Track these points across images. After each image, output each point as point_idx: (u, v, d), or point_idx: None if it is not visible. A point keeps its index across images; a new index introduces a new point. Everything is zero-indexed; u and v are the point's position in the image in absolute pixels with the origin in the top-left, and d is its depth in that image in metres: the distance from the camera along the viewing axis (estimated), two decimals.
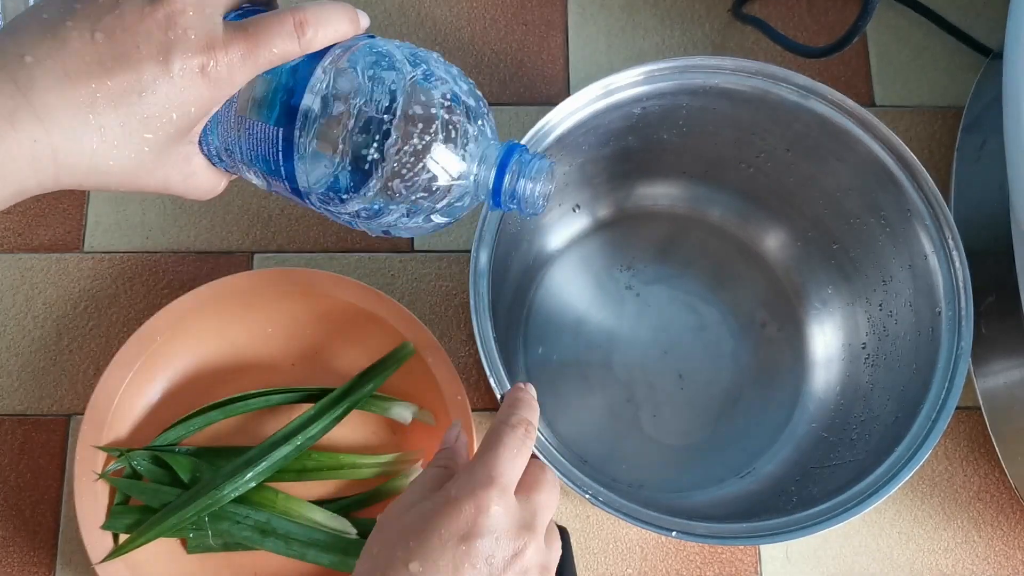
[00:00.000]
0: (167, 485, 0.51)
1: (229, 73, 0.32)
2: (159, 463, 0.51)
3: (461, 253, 0.59)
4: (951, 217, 0.46)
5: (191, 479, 0.50)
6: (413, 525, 0.34)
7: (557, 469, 0.42)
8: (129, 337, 0.52)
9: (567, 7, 0.64)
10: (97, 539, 0.49)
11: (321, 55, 0.34)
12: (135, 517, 0.49)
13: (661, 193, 0.58)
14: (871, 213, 0.50)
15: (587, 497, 0.41)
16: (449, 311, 0.58)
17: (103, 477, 0.50)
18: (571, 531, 0.52)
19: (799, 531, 0.42)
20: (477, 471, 0.35)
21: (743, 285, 0.58)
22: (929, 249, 0.47)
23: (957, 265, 0.46)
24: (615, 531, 0.54)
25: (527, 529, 0.34)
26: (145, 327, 0.52)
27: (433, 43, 0.63)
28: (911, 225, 0.47)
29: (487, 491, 0.34)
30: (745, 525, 0.42)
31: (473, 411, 0.51)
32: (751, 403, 0.55)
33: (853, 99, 0.64)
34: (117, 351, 0.51)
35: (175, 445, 0.52)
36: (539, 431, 0.52)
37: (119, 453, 0.50)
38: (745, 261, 0.58)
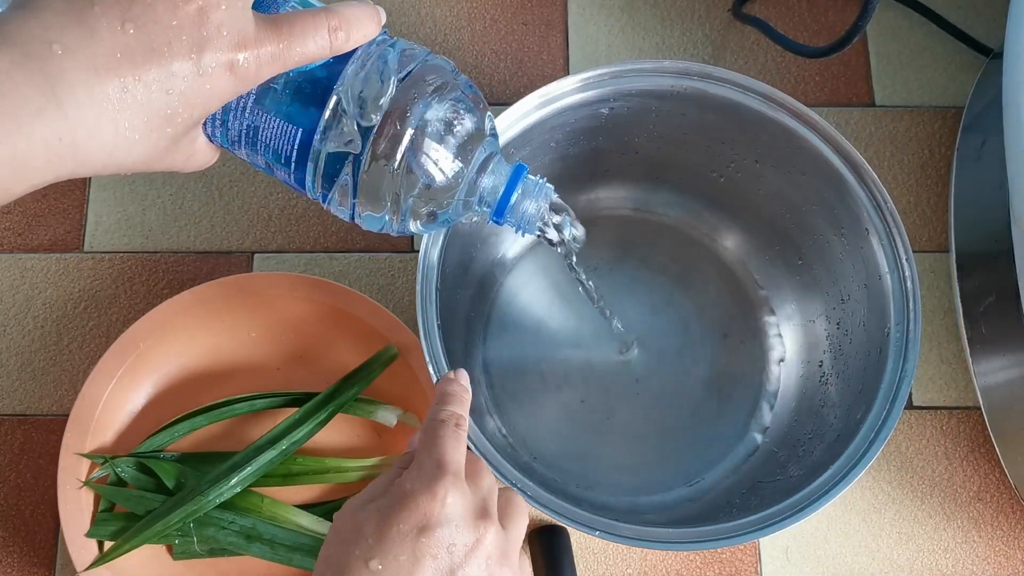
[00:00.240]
0: (152, 491, 0.50)
1: (257, 70, 0.32)
2: (144, 469, 0.51)
3: None
4: (905, 234, 0.46)
5: (176, 485, 0.50)
6: (369, 522, 0.33)
7: (488, 460, 0.41)
8: (111, 344, 0.51)
9: (567, 7, 0.64)
10: (82, 547, 0.49)
11: (346, 56, 0.34)
12: (120, 524, 0.49)
13: (628, 198, 0.58)
14: (833, 230, 0.50)
15: (516, 487, 0.41)
16: None
17: (87, 484, 0.50)
18: (571, 532, 0.52)
19: (725, 540, 0.42)
20: (425, 463, 0.35)
21: (707, 294, 0.57)
22: (885, 268, 0.46)
23: (909, 285, 0.45)
24: None
25: (484, 515, 0.34)
26: (127, 334, 0.52)
27: (433, 43, 0.63)
28: (868, 242, 0.47)
29: (441, 480, 0.33)
30: (672, 531, 0.42)
31: None
32: (707, 413, 0.55)
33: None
34: (99, 358, 0.51)
35: (160, 451, 0.52)
36: (496, 430, 0.52)
37: (103, 460, 0.50)
38: (711, 271, 0.58)
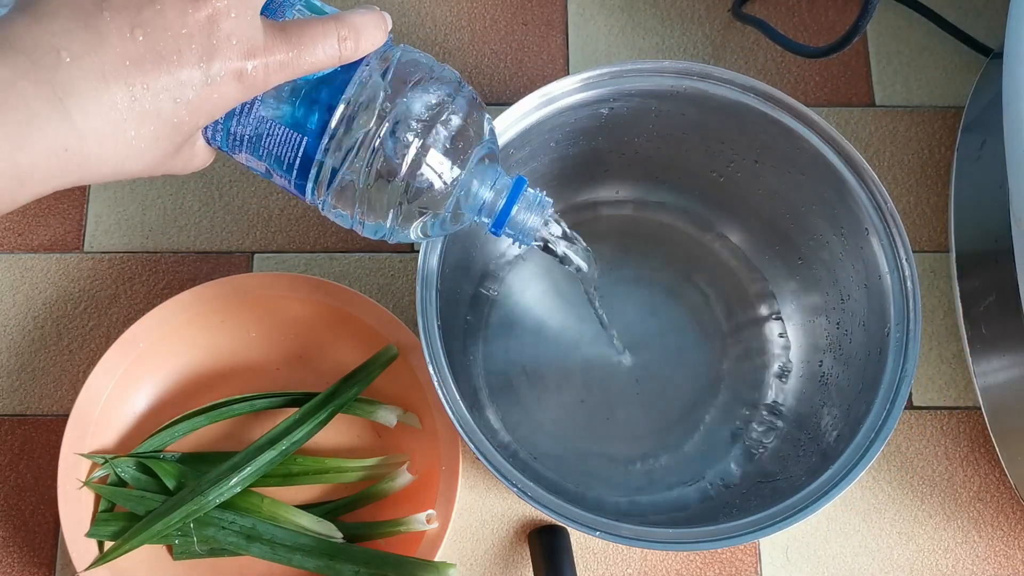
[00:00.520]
0: (152, 491, 0.50)
1: (265, 79, 0.31)
2: (144, 470, 0.51)
3: None
4: (905, 234, 0.46)
5: (176, 485, 0.50)
6: None
7: (488, 460, 0.41)
8: (111, 344, 0.51)
9: (567, 7, 0.64)
10: (82, 547, 0.49)
11: (353, 64, 0.34)
12: (120, 524, 0.49)
13: (628, 198, 0.58)
14: (833, 230, 0.50)
15: (515, 490, 0.41)
16: None
17: (87, 484, 0.50)
18: (571, 532, 0.52)
19: (725, 540, 0.41)
20: None
21: (707, 295, 0.57)
22: (885, 268, 0.46)
23: (909, 285, 0.45)
24: None
25: None
26: (127, 334, 0.52)
27: (433, 43, 0.63)
28: (868, 242, 0.47)
29: None
30: (672, 531, 0.41)
31: None
32: (707, 413, 0.55)
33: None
34: (100, 358, 0.51)
35: (160, 451, 0.52)
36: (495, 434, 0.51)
37: (103, 460, 0.50)
38: (710, 271, 0.58)
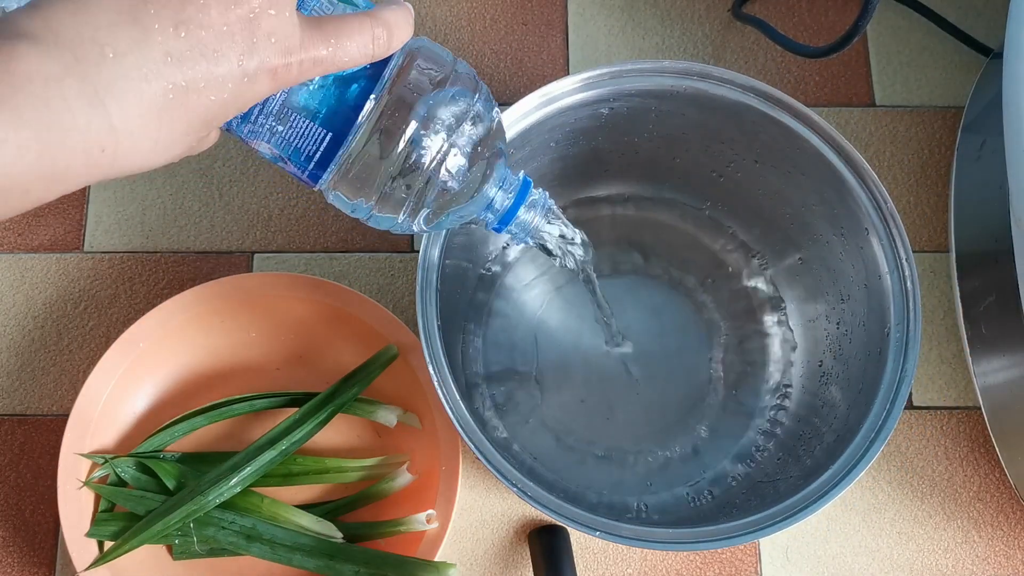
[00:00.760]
0: (152, 491, 0.50)
1: (299, 75, 0.31)
2: (144, 469, 0.51)
3: None
4: (905, 234, 0.46)
5: (176, 485, 0.50)
6: None
7: (488, 460, 0.41)
8: (111, 344, 0.51)
9: (567, 7, 0.64)
10: (82, 547, 0.49)
11: (382, 61, 0.34)
12: (120, 524, 0.49)
13: (628, 198, 0.58)
14: (833, 230, 0.50)
15: (515, 490, 0.41)
16: None
17: (87, 484, 0.50)
18: (571, 532, 0.52)
19: (725, 540, 0.41)
20: None
21: (707, 295, 0.57)
22: (885, 268, 0.46)
23: (909, 285, 0.45)
24: None
25: None
26: (127, 334, 0.52)
27: None
28: (868, 242, 0.47)
29: None
30: (672, 531, 0.42)
31: None
32: (708, 413, 0.55)
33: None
34: (100, 358, 0.51)
35: (160, 451, 0.52)
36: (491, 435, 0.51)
37: (103, 460, 0.50)
38: (710, 271, 0.58)
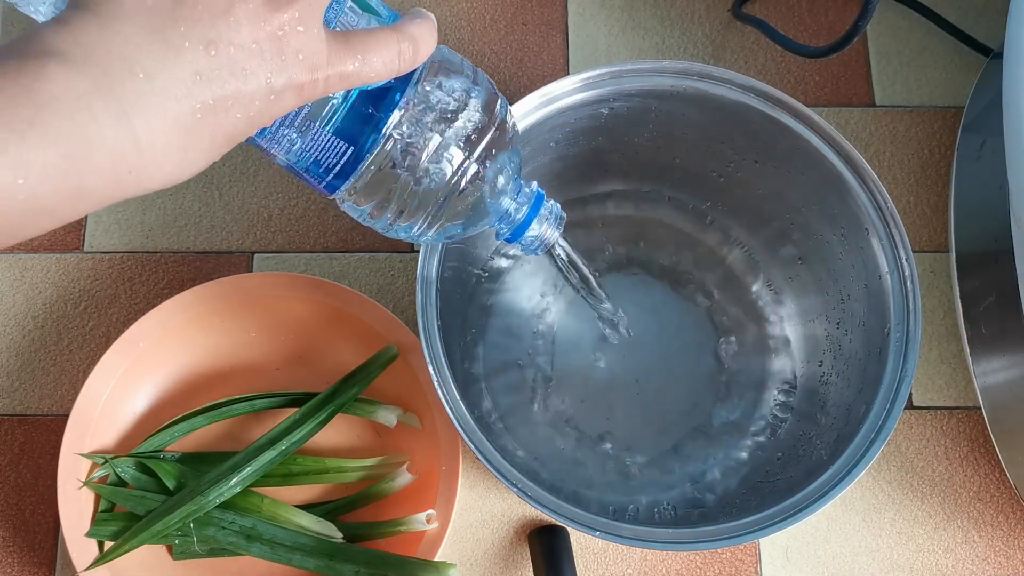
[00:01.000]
0: (152, 491, 0.50)
1: (325, 90, 0.31)
2: (144, 469, 0.51)
3: None
4: (905, 234, 0.46)
5: (176, 485, 0.50)
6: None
7: (488, 460, 0.41)
8: (111, 344, 0.51)
9: (567, 7, 0.64)
10: (82, 547, 0.49)
11: (406, 75, 0.34)
12: (120, 524, 0.49)
13: (628, 198, 0.58)
14: (833, 230, 0.50)
15: (515, 490, 0.41)
16: None
17: (87, 484, 0.50)
18: (571, 532, 0.52)
19: (725, 540, 0.41)
20: None
21: (706, 294, 0.57)
22: (885, 268, 0.46)
23: (909, 285, 0.45)
24: None
25: None
26: (127, 334, 0.52)
27: None
28: (868, 242, 0.47)
29: None
30: (672, 531, 0.42)
31: None
32: (706, 413, 0.55)
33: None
34: (100, 358, 0.51)
35: (160, 451, 0.52)
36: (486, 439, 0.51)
37: (103, 460, 0.50)
38: (710, 271, 0.58)
